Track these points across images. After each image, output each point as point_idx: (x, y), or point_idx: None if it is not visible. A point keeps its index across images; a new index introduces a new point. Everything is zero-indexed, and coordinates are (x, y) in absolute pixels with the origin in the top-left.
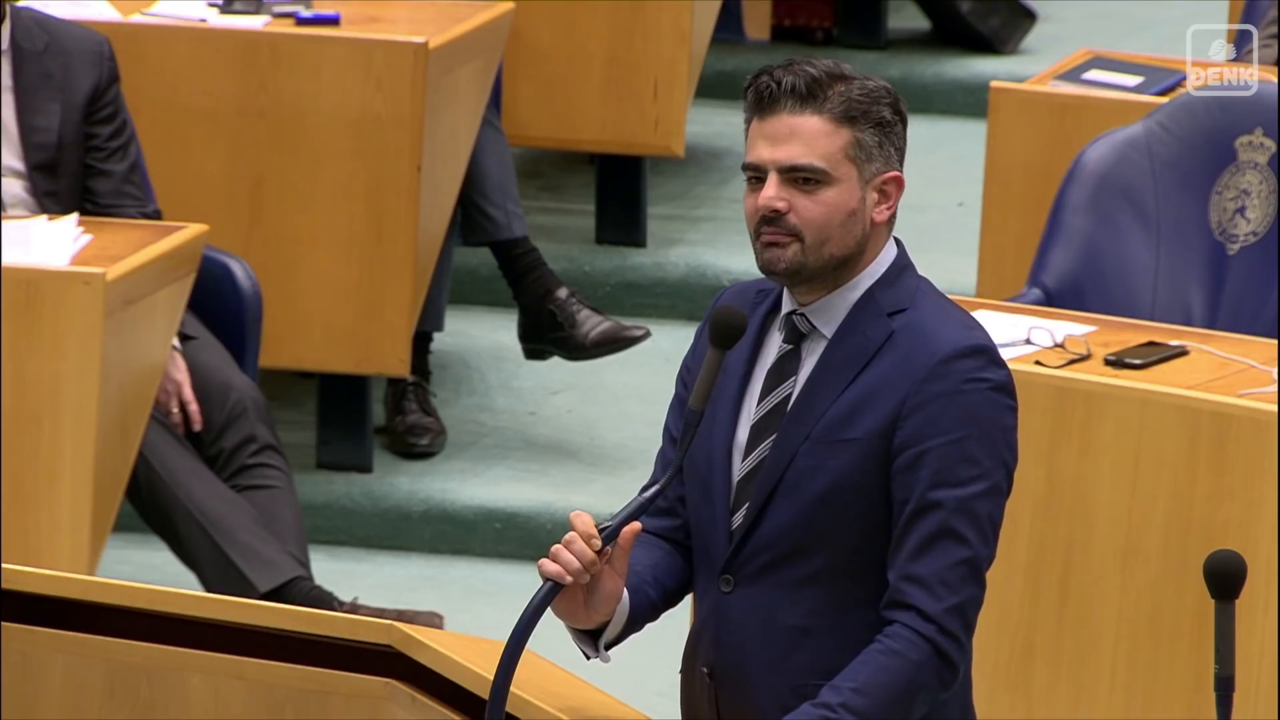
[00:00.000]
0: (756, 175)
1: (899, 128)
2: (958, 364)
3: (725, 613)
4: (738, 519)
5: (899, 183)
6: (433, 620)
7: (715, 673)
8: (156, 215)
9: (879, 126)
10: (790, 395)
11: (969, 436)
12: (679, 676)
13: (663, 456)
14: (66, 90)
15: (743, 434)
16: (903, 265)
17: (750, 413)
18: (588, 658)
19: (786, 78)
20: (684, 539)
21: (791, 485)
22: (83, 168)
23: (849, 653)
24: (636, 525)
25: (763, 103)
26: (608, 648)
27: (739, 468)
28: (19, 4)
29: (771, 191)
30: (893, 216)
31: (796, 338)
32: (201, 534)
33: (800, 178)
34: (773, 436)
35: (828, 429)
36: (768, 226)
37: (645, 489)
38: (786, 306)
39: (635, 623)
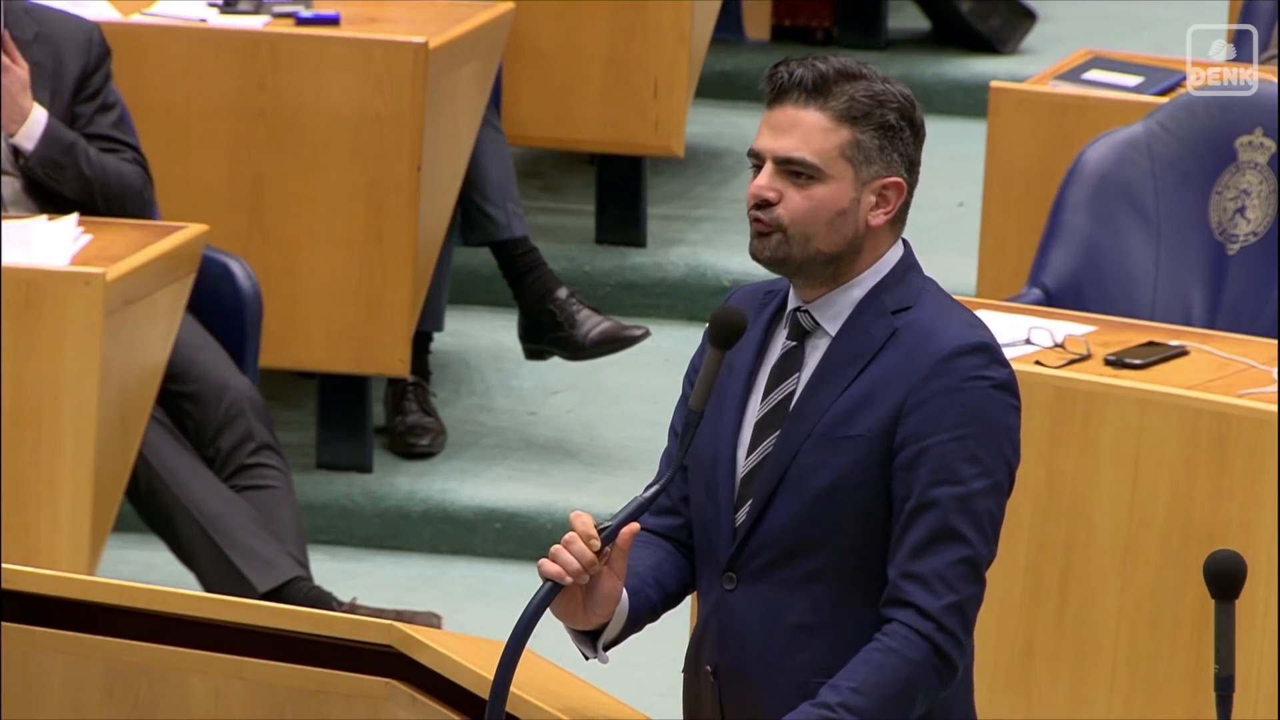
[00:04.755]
0: (758, 163)
1: (906, 134)
2: (960, 361)
3: (728, 611)
4: (741, 516)
5: (900, 188)
6: (431, 620)
7: (719, 671)
8: (144, 165)
9: (882, 130)
10: (794, 392)
11: (970, 434)
12: (681, 675)
13: (667, 455)
14: (56, 78)
15: (747, 431)
16: (909, 265)
17: (755, 410)
18: (586, 658)
19: (799, 70)
20: (686, 538)
21: (794, 482)
22: None
23: (852, 651)
24: (635, 526)
25: (774, 92)
26: (606, 648)
27: (743, 465)
28: None
29: (763, 180)
30: (896, 220)
31: (800, 334)
32: (201, 534)
33: (793, 170)
34: (776, 434)
35: (830, 426)
36: (756, 212)
37: (649, 488)
38: (791, 304)
39: (635, 624)
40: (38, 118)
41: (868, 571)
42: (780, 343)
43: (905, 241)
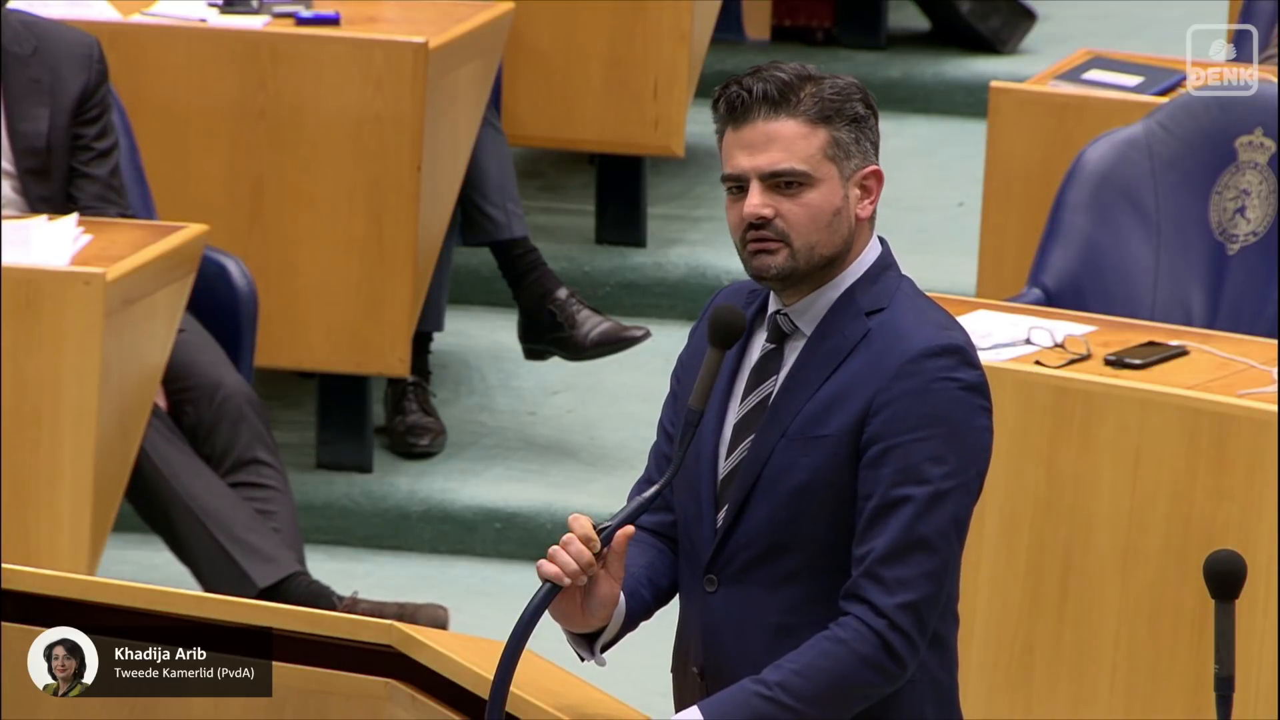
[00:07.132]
0: (738, 185)
1: (872, 121)
2: (929, 362)
3: (710, 613)
4: (720, 518)
5: (879, 176)
6: (436, 613)
7: (705, 672)
8: (132, 216)
9: (853, 122)
10: (771, 394)
11: (936, 434)
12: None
13: (657, 450)
14: (55, 94)
15: (728, 433)
16: (885, 265)
17: (735, 412)
18: (582, 659)
19: (757, 85)
20: (677, 534)
21: (769, 483)
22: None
23: None
24: (629, 529)
25: (735, 112)
26: (603, 649)
27: (722, 466)
28: (10, 5)
29: (756, 200)
30: (874, 212)
31: (779, 337)
32: (201, 529)
33: (783, 182)
34: (752, 435)
35: (802, 426)
36: (754, 233)
37: (638, 485)
38: (772, 306)
39: (630, 622)
40: None
41: (844, 571)
42: (761, 344)
43: (882, 239)
